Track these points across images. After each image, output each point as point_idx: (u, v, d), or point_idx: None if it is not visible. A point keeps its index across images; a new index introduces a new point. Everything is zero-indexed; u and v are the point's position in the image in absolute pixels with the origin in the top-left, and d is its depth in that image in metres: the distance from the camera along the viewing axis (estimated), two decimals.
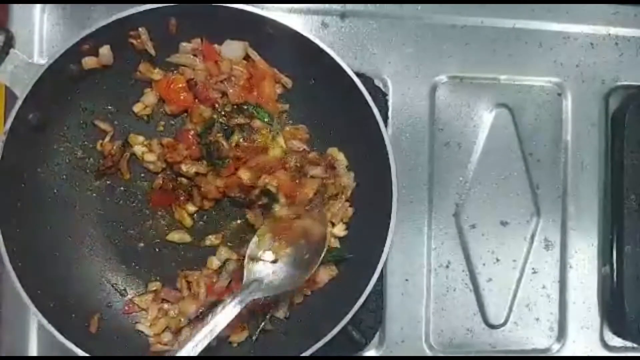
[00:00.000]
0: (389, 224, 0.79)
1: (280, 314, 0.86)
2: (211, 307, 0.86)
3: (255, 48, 0.85)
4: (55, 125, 0.83)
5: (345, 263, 0.87)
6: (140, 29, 0.80)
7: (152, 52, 0.82)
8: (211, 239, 0.88)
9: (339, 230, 0.88)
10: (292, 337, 0.84)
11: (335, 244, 0.88)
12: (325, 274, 0.86)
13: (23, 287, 0.75)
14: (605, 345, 0.99)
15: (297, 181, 0.86)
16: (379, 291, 0.92)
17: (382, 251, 0.79)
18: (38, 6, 0.89)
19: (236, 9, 0.79)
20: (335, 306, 0.81)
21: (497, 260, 0.97)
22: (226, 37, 0.84)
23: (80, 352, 0.75)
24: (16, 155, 0.77)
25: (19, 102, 0.75)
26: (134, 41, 0.81)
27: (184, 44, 0.84)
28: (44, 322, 0.75)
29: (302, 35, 0.79)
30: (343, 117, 0.86)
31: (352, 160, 0.88)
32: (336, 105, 0.86)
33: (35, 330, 0.88)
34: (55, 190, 0.84)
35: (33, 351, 0.88)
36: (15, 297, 0.84)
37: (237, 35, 0.84)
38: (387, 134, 0.80)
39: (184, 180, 0.87)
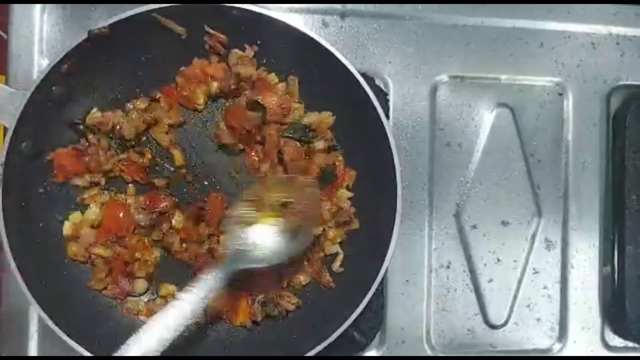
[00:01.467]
0: (392, 224, 0.79)
1: (290, 306, 0.86)
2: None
3: (257, 47, 0.85)
4: (50, 149, 0.83)
5: (348, 263, 0.87)
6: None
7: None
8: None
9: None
10: (293, 338, 0.84)
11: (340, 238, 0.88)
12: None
13: (27, 287, 0.75)
14: (607, 345, 0.99)
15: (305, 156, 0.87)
16: (380, 291, 0.92)
17: (385, 252, 0.79)
18: (38, 6, 0.89)
19: (238, 9, 0.79)
20: (337, 308, 0.81)
21: (498, 260, 0.97)
22: (228, 36, 0.84)
23: (82, 351, 0.75)
24: (15, 183, 0.77)
25: (10, 133, 0.75)
26: None
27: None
28: (48, 320, 0.75)
29: (304, 35, 0.79)
30: (345, 117, 0.86)
31: (353, 160, 0.88)
32: (338, 105, 0.86)
33: (35, 330, 0.87)
34: (59, 205, 0.84)
35: (33, 351, 0.87)
36: (16, 297, 0.85)
37: (239, 34, 0.84)
38: (391, 134, 0.79)
39: None
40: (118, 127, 0.84)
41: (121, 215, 0.85)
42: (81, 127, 0.84)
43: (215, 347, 0.85)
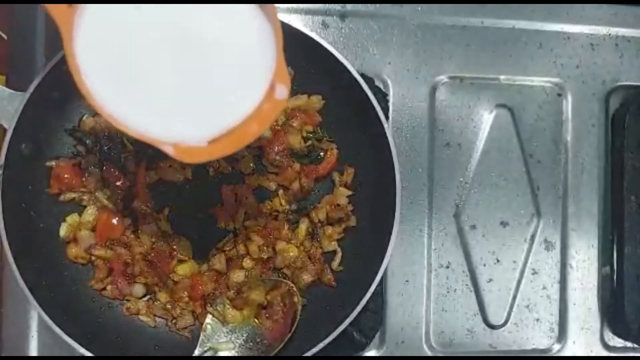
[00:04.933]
0: (391, 224, 0.79)
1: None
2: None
3: None
4: (50, 150, 0.83)
5: (347, 263, 0.87)
6: None
7: None
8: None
9: (338, 229, 0.88)
10: (294, 338, 0.84)
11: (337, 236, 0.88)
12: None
13: (27, 287, 0.75)
14: (606, 345, 0.99)
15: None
16: (379, 292, 0.92)
17: (384, 252, 0.79)
18: (38, 6, 0.89)
19: None
20: (337, 307, 0.82)
21: (498, 260, 0.97)
22: None
23: (82, 351, 0.75)
24: (15, 184, 0.77)
25: (9, 135, 0.75)
26: None
27: None
28: (48, 320, 0.75)
29: (304, 35, 0.79)
30: (344, 117, 0.86)
31: (353, 160, 0.88)
32: (338, 106, 0.86)
33: (36, 330, 0.87)
34: (58, 206, 0.84)
35: (33, 351, 0.87)
36: (16, 296, 0.85)
37: None
38: (391, 135, 0.80)
39: None
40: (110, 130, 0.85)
41: (114, 221, 0.85)
42: (78, 133, 0.84)
43: None
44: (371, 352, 0.93)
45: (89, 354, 0.76)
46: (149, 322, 0.85)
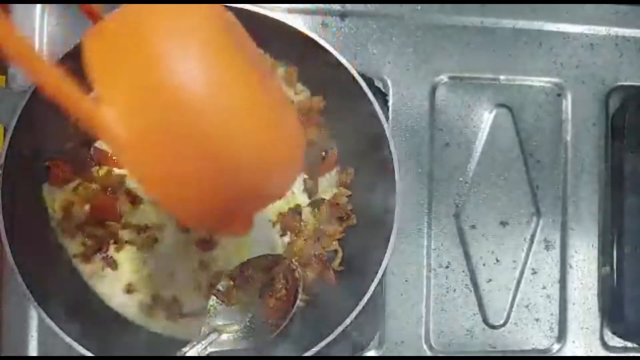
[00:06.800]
0: (391, 225, 0.79)
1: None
2: None
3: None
4: (50, 150, 0.83)
5: (347, 263, 0.87)
6: None
7: None
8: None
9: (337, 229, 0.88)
10: (293, 339, 0.84)
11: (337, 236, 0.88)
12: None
13: (27, 287, 0.75)
14: (605, 345, 0.99)
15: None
16: (379, 292, 0.92)
17: (384, 252, 0.79)
18: (38, 6, 0.89)
19: (237, 9, 0.78)
20: (336, 307, 0.82)
21: (497, 260, 0.97)
22: None
23: (83, 351, 0.75)
24: (15, 184, 0.77)
25: (9, 134, 0.75)
26: None
27: None
28: (48, 320, 0.75)
29: (304, 35, 0.79)
30: (344, 118, 0.86)
31: (352, 160, 0.88)
32: (337, 106, 0.86)
33: (36, 330, 0.88)
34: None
35: (33, 351, 0.88)
36: (16, 296, 0.85)
37: None
38: (390, 135, 0.80)
39: None
40: None
41: (108, 205, 0.85)
42: (77, 133, 0.84)
43: None
44: (371, 352, 0.93)
45: (89, 354, 0.76)
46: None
